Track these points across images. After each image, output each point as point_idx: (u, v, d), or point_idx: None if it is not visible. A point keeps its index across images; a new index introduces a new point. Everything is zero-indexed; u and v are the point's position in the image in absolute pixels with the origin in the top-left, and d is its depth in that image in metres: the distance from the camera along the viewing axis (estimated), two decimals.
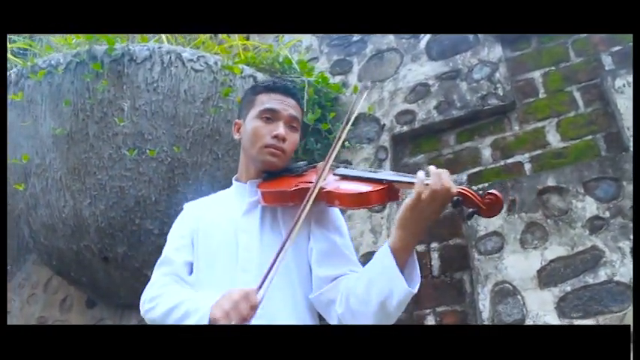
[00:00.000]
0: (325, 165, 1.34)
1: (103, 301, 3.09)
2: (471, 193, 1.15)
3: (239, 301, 1.16)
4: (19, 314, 3.40)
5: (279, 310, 1.30)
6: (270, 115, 1.44)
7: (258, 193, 1.40)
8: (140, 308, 1.39)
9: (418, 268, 1.21)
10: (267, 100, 1.46)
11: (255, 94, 1.50)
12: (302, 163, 1.51)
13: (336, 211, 1.45)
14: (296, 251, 1.36)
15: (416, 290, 1.17)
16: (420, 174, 1.17)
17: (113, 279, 2.77)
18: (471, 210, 1.17)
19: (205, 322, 1.18)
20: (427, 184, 1.14)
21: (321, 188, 1.30)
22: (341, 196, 1.28)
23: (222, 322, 1.15)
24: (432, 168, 1.17)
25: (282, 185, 1.37)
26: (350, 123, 1.43)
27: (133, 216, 2.57)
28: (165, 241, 2.58)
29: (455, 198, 1.14)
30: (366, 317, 1.22)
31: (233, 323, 1.14)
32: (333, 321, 1.31)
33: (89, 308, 3.18)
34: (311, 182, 1.33)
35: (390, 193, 1.24)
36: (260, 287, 1.18)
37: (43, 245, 2.82)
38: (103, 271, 2.74)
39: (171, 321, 1.28)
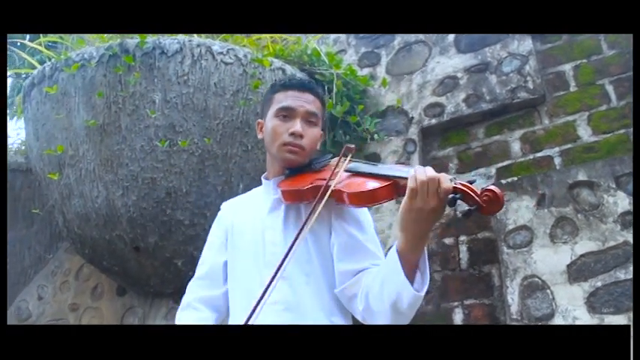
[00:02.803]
0: (332, 174, 1.31)
1: (133, 289, 3.14)
2: (470, 189, 1.07)
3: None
4: (51, 301, 3.47)
5: (305, 301, 1.32)
6: (286, 113, 1.44)
7: (279, 192, 1.41)
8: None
9: (428, 270, 1.18)
10: (284, 98, 1.45)
11: (273, 93, 1.50)
12: (328, 155, 1.50)
13: None
14: (316, 244, 1.37)
15: (423, 293, 1.15)
16: (411, 170, 1.13)
17: (144, 268, 2.82)
18: (468, 208, 1.07)
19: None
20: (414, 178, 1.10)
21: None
22: (349, 195, 1.26)
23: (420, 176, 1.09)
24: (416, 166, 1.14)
25: (299, 183, 1.37)
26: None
27: (164, 207, 2.62)
28: (195, 232, 2.64)
29: (451, 195, 1.07)
30: (383, 315, 1.22)
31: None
32: (357, 315, 1.32)
33: (120, 296, 3.24)
34: (325, 179, 1.30)
35: (397, 188, 1.20)
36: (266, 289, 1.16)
37: (76, 234, 2.88)
38: (134, 260, 2.80)
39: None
